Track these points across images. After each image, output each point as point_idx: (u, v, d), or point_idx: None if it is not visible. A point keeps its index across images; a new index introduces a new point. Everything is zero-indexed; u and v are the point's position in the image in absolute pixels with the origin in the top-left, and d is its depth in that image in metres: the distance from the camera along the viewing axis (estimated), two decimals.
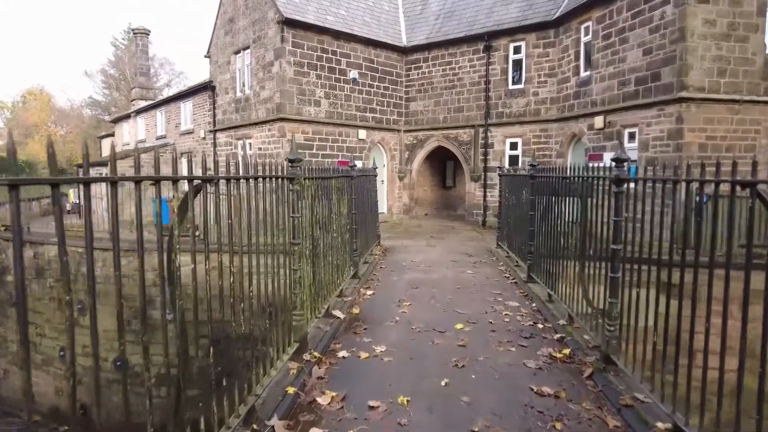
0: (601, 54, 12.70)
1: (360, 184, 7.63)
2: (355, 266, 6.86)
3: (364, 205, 8.00)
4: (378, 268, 8.05)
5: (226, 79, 17.76)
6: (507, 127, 15.67)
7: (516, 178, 8.09)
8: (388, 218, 17.62)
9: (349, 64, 16.05)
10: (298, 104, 14.88)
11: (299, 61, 14.80)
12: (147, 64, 28.34)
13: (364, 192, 8.06)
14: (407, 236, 13.28)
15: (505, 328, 4.94)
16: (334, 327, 4.69)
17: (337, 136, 15.89)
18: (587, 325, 4.38)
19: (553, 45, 14.77)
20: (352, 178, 6.71)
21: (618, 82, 12.14)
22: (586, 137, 13.38)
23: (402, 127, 17.81)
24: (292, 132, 14.73)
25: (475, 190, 16.44)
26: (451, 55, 16.75)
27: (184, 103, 21.63)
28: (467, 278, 7.28)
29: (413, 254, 9.61)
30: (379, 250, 9.61)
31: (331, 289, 5.32)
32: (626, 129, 12.02)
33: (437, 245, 11.03)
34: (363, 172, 8.24)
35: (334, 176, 5.59)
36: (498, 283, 6.97)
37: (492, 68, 15.85)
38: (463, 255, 9.51)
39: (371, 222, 9.05)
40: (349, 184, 6.67)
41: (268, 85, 15.21)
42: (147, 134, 26.18)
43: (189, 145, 21.05)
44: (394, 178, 17.89)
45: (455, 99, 16.71)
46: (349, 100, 16.15)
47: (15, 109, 55.84)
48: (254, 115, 15.96)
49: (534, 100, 15.16)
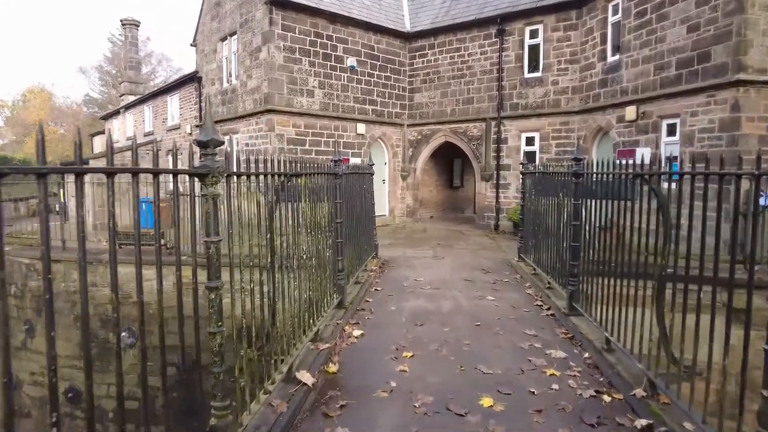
0: (634, 35, 11.01)
1: (350, 184, 6.02)
2: (340, 292, 5.25)
3: (355, 210, 6.40)
4: (372, 290, 6.43)
5: (213, 69, 16.18)
6: (522, 120, 14.00)
7: (547, 177, 6.44)
8: (390, 221, 16.00)
9: (347, 51, 14.43)
10: (289, 94, 13.28)
11: (290, 46, 13.20)
12: (137, 57, 26.84)
13: (355, 194, 6.45)
14: (410, 243, 11.65)
15: (555, 402, 3.29)
16: (294, 406, 3.07)
17: (333, 130, 14.27)
18: (685, 403, 2.77)
19: (575, 27, 13.10)
20: (336, 176, 5.10)
21: (654, 66, 10.46)
22: (614, 131, 11.71)
23: (405, 121, 16.17)
24: (282, 125, 13.14)
25: (486, 190, 14.78)
26: (459, 40, 15.09)
27: (170, 97, 20.10)
28: (488, 308, 5.64)
29: (417, 269, 8.00)
30: (376, 264, 7.98)
31: (298, 334, 3.72)
32: (664, 120, 10.34)
33: (445, 256, 9.40)
34: (355, 170, 6.63)
35: (305, 173, 3.99)
36: (530, 317, 5.32)
37: (506, 55, 14.19)
38: (478, 271, 7.88)
39: (366, 231, 7.45)
40: (333, 185, 5.07)
41: (255, 74, 13.62)
42: (136, 131, 24.69)
43: (177, 141, 19.48)
44: (396, 177, 16.26)
45: (464, 90, 15.05)
46: (346, 91, 14.52)
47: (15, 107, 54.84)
48: (241, 108, 14.38)
49: (553, 90, 13.49)
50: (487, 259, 9.04)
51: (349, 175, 5.88)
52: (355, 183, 6.55)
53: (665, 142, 10.35)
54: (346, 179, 5.64)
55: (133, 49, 26.36)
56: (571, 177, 5.10)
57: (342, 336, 4.48)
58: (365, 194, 7.31)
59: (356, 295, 5.87)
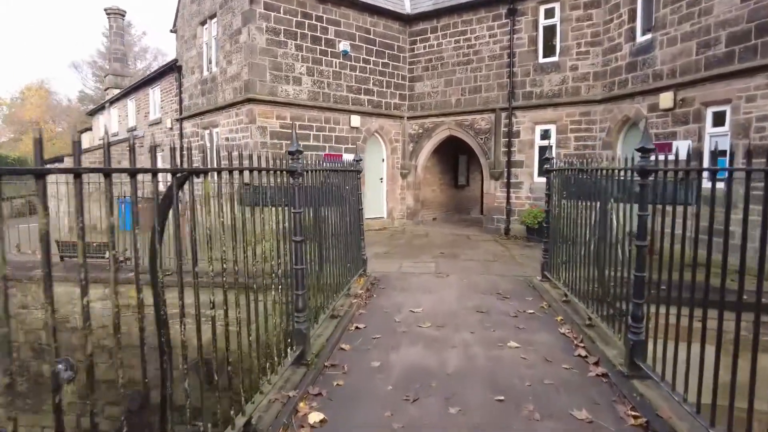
0: (671, 8, 9.39)
1: (323, 185, 4.47)
2: (300, 341, 3.67)
3: (330, 220, 4.85)
4: (352, 328, 4.81)
5: (192, 57, 14.65)
6: (537, 110, 12.40)
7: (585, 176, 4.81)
8: (389, 224, 14.45)
9: (339, 34, 12.86)
10: (272, 82, 11.73)
11: (273, 27, 11.64)
12: (122, 48, 25.35)
13: (331, 199, 4.90)
14: (409, 252, 10.09)
15: None
16: None
17: (324, 123, 12.71)
18: None
19: (597, 5, 11.49)
20: (293, 174, 3.54)
21: (698, 43, 8.84)
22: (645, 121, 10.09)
23: (405, 113, 14.58)
24: (264, 117, 11.60)
25: (496, 190, 13.19)
26: (465, 22, 13.49)
27: (152, 90, 18.60)
28: (512, 364, 3.98)
29: (414, 293, 6.35)
30: (363, 285, 6.38)
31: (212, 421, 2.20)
32: (710, 107, 8.73)
33: (450, 271, 7.80)
34: (331, 166, 5.06)
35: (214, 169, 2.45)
36: (575, 380, 3.64)
37: (517, 37, 12.59)
38: (493, 295, 6.24)
39: (349, 245, 5.90)
40: (290, 188, 3.52)
41: (235, 59, 12.08)
42: (120, 126, 23.23)
43: (159, 137, 18.00)
44: (395, 175, 14.68)
45: (471, 77, 13.46)
46: (338, 79, 12.95)
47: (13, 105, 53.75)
48: (221, 98, 12.85)
49: (572, 77, 11.89)
50: (502, 275, 7.42)
51: (319, 172, 4.32)
52: (332, 184, 5.00)
53: (710, 133, 8.75)
54: (314, 179, 4.08)
55: (118, 39, 24.87)
56: (632, 176, 3.53)
57: (294, 421, 2.91)
58: (348, 198, 5.74)
59: (327, 339, 4.27)
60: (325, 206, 4.78)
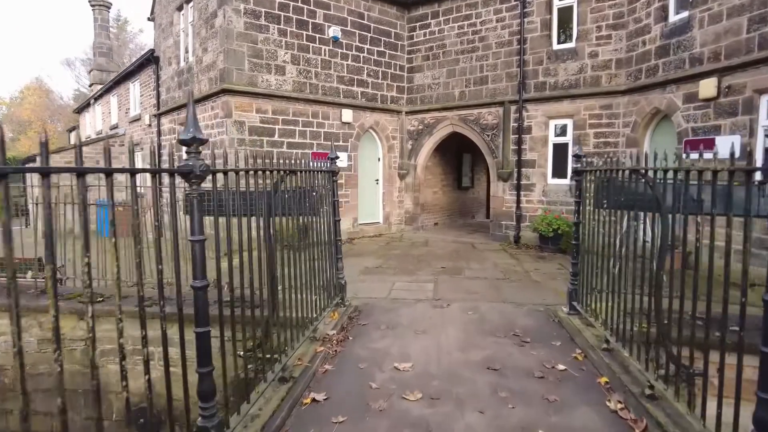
0: None
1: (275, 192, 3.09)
2: None
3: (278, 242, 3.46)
4: (306, 403, 3.27)
5: (169, 46, 13.31)
6: (551, 103, 10.98)
7: (637, 180, 3.38)
8: (385, 230, 13.06)
9: (329, 18, 11.49)
10: (252, 71, 10.36)
11: (253, 9, 10.28)
12: (107, 42, 24.07)
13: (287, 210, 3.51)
14: (404, 266, 8.68)
15: None
16: None
17: (311, 117, 11.33)
18: None
19: None
20: (190, 176, 2.17)
21: (749, 19, 7.41)
22: (679, 114, 8.67)
23: (403, 107, 13.19)
24: (242, 110, 10.23)
25: (504, 192, 11.77)
26: (470, 6, 12.09)
27: (132, 84, 17.29)
28: None
29: (403, 335, 4.80)
30: (336, 322, 4.87)
31: None
32: (764, 96, 7.30)
33: (452, 296, 6.35)
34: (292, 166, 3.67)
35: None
36: None
37: (529, 21, 11.18)
38: (508, 339, 4.67)
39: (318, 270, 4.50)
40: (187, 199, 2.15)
41: (211, 46, 10.72)
42: (104, 124, 21.96)
43: (137, 135, 16.69)
44: (392, 176, 13.29)
45: (476, 67, 12.05)
46: (328, 68, 11.57)
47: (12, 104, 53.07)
48: (197, 90, 11.49)
49: (591, 65, 10.47)
50: (518, 304, 5.93)
51: (254, 174, 2.94)
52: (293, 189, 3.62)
53: (764, 126, 7.31)
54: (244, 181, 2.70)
55: (103, 33, 23.59)
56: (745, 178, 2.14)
57: None
58: (317, 206, 4.35)
59: (263, 428, 2.78)
60: (281, 217, 3.41)
